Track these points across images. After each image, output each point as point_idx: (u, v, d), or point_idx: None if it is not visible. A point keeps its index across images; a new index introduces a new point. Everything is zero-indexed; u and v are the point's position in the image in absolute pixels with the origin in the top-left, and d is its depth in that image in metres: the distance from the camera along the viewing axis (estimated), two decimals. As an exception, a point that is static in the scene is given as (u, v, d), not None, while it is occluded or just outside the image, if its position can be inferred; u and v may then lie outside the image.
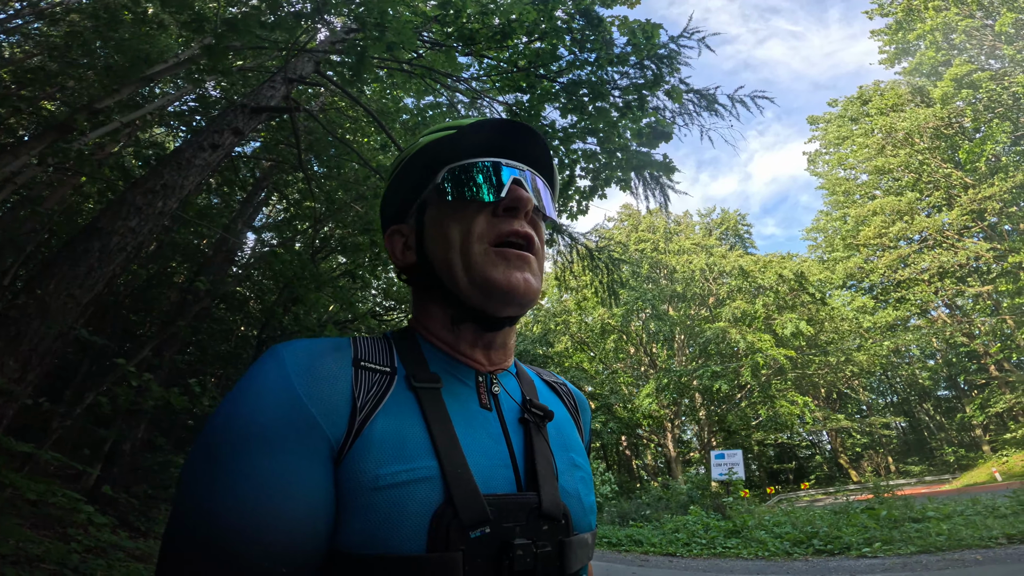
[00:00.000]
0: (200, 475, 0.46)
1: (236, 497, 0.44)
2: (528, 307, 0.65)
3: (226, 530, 0.43)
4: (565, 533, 0.56)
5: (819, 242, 31.89)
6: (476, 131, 0.68)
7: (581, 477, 0.66)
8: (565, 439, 0.68)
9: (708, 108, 6.28)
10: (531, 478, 0.58)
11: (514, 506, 0.53)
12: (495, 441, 0.59)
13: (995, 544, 6.05)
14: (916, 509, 8.09)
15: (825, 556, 7.15)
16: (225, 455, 0.47)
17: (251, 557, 0.42)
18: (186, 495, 0.46)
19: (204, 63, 3.16)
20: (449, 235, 0.65)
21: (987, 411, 26.23)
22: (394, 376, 0.59)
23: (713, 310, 26.29)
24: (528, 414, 0.65)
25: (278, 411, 0.49)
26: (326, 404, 0.52)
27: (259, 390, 0.51)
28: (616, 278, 9.21)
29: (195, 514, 0.44)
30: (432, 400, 0.57)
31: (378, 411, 0.54)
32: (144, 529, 6.56)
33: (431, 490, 0.49)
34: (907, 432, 35.77)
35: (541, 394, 0.73)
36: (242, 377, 0.54)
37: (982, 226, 24.24)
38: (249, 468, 0.46)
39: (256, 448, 0.47)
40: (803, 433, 33.06)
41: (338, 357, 0.57)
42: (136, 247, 5.23)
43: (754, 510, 10.59)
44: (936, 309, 29.06)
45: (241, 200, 10.93)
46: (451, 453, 0.53)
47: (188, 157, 4.94)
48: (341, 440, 0.51)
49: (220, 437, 0.48)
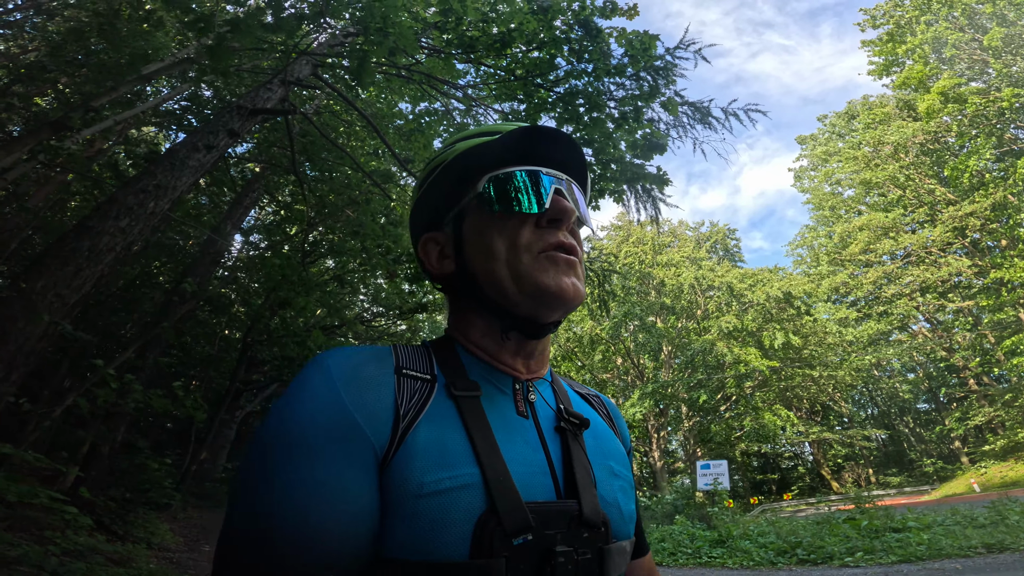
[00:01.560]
0: (254, 481, 0.48)
1: (288, 502, 0.46)
2: (574, 309, 0.65)
3: (278, 534, 0.44)
4: (605, 541, 0.57)
5: (804, 257, 32.41)
6: (515, 138, 0.67)
7: (620, 486, 0.66)
8: (603, 448, 0.69)
9: (702, 121, 6.39)
10: (570, 486, 0.58)
11: (555, 513, 0.54)
12: (533, 449, 0.60)
13: (974, 554, 6.16)
14: (896, 519, 8.20)
15: (808, 566, 7.22)
16: (276, 462, 0.48)
17: (301, 560, 0.44)
18: (241, 500, 0.48)
19: (205, 63, 3.14)
20: (493, 246, 0.65)
21: (966, 424, 26.71)
22: (434, 384, 0.59)
23: (701, 322, 26.54)
24: (564, 422, 0.65)
25: (325, 419, 0.51)
26: (370, 412, 0.53)
27: (307, 399, 0.52)
28: (607, 290, 9.28)
29: (250, 518, 0.46)
30: (472, 408, 0.58)
31: (420, 418, 0.54)
32: (122, 533, 6.40)
33: (474, 497, 0.50)
34: (887, 444, 36.28)
35: (575, 403, 0.74)
36: (289, 385, 0.56)
37: (964, 242, 24.80)
38: (299, 474, 0.47)
39: (306, 455, 0.48)
40: (786, 444, 33.40)
41: (380, 365, 0.58)
42: (126, 247, 5.16)
43: (739, 520, 10.65)
44: (917, 324, 29.65)
45: (230, 201, 10.84)
46: (492, 461, 0.53)
47: (182, 158, 4.91)
48: (385, 447, 0.51)
49: (272, 444, 0.49)
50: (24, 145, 4.63)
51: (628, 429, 0.84)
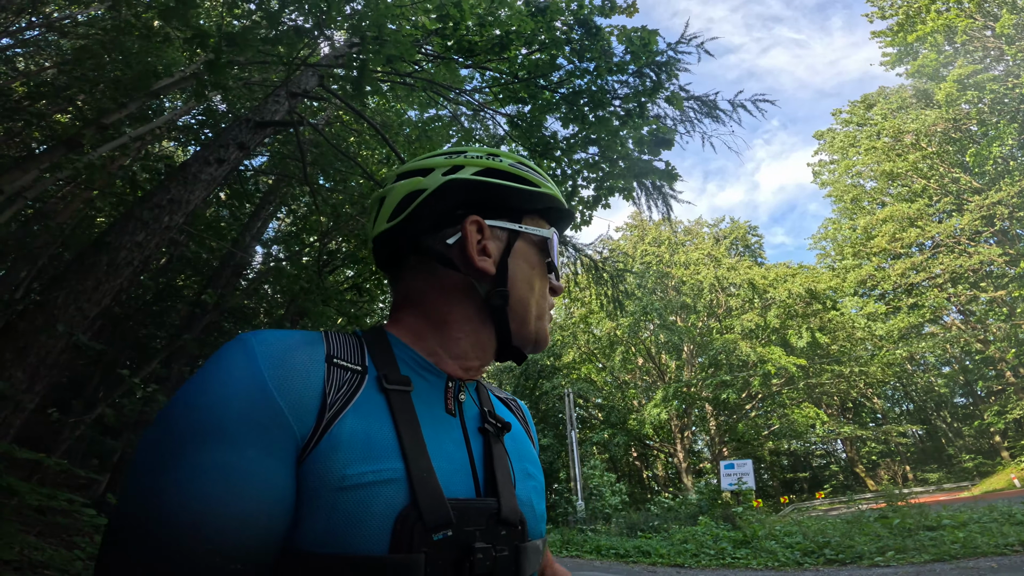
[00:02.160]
0: (153, 467, 0.44)
1: (190, 492, 0.42)
2: None
3: (175, 526, 0.41)
4: (521, 539, 0.58)
5: (827, 250, 31.64)
6: (557, 202, 0.76)
7: (534, 487, 0.69)
8: (519, 450, 0.71)
9: (709, 114, 6.31)
10: (490, 485, 0.60)
11: (475, 511, 0.54)
12: (457, 446, 0.60)
13: (1011, 551, 5.91)
14: (931, 517, 7.93)
15: (836, 566, 7.02)
16: (182, 447, 0.45)
17: (201, 554, 0.41)
18: (135, 486, 0.44)
19: (206, 78, 3.23)
20: (535, 284, 0.72)
21: (1005, 417, 25.67)
22: (365, 375, 0.58)
23: (723, 321, 26.11)
24: (488, 424, 0.67)
25: (244, 403, 0.48)
26: (296, 399, 0.50)
27: (225, 379, 0.49)
28: (621, 289, 9.20)
29: (138, 509, 0.43)
30: (402, 403, 0.57)
31: (347, 410, 0.53)
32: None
33: (396, 492, 0.50)
34: (924, 440, 35.09)
35: (496, 407, 0.76)
36: (205, 364, 0.52)
37: (993, 231, 23.93)
38: (206, 462, 0.44)
39: (216, 441, 0.45)
40: (817, 442, 32.56)
41: (310, 351, 0.56)
42: (143, 261, 5.34)
43: (765, 520, 10.43)
44: (949, 315, 28.66)
45: (250, 214, 11.10)
46: (418, 456, 0.53)
47: (194, 172, 5.05)
48: (307, 437, 0.49)
49: (179, 426, 0.46)
50: (41, 162, 4.83)
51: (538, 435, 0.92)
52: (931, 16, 20.12)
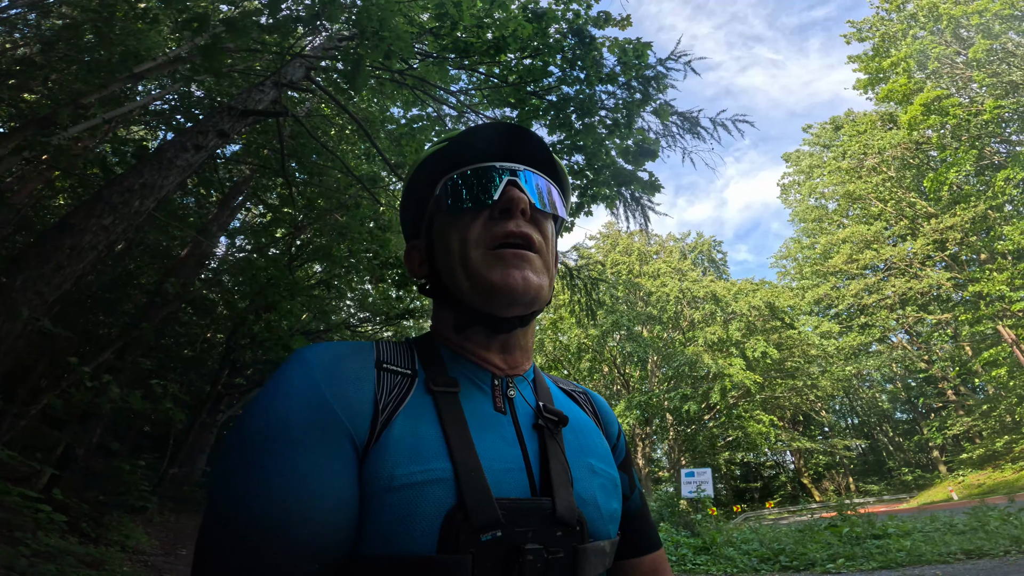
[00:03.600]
0: (233, 473, 0.47)
1: (268, 494, 0.45)
2: (535, 304, 0.65)
3: (258, 526, 0.43)
4: (580, 540, 0.55)
5: (788, 268, 32.94)
6: (470, 138, 0.69)
7: (600, 484, 0.65)
8: (584, 445, 0.67)
9: (691, 131, 6.49)
10: (545, 483, 0.57)
11: (527, 511, 0.53)
12: (509, 445, 0.59)
13: (953, 560, 6.25)
14: (877, 526, 8.30)
15: (791, 572, 7.28)
16: (256, 453, 0.47)
17: (282, 553, 0.43)
18: (220, 492, 0.47)
19: (199, 63, 3.12)
20: (450, 244, 0.66)
21: (944, 433, 27.25)
22: (414, 379, 0.60)
23: (686, 333, 26.76)
24: (542, 419, 0.64)
25: (305, 411, 0.50)
26: (350, 405, 0.53)
27: (287, 391, 0.52)
28: (595, 298, 9.31)
29: (229, 511, 0.45)
30: (449, 403, 0.58)
31: (398, 413, 0.55)
32: (95, 535, 6.26)
33: (444, 492, 0.50)
34: (867, 453, 36.85)
35: (557, 400, 0.72)
36: (269, 379, 0.55)
37: (943, 256, 25.33)
38: (279, 466, 0.46)
39: (285, 446, 0.48)
40: (768, 453, 33.75)
41: (361, 359, 0.59)
42: (108, 246, 5.08)
43: (722, 527, 10.71)
44: (896, 336, 30.26)
45: (217, 203, 10.72)
46: (465, 456, 0.53)
47: (170, 157, 4.86)
48: (365, 440, 0.51)
49: (250, 436, 0.49)
50: (10, 141, 4.54)
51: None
52: (907, 41, 20.87)
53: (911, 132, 20.75)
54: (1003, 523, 7.26)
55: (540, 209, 0.69)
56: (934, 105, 19.34)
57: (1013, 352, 21.32)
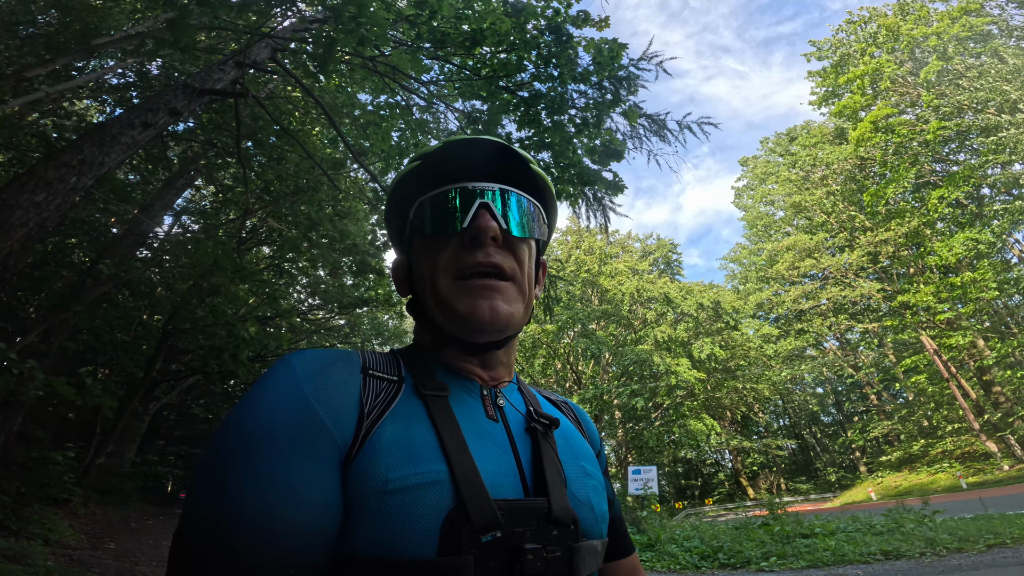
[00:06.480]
0: (212, 478, 0.47)
1: (246, 500, 0.44)
2: (507, 331, 0.64)
3: (236, 533, 0.43)
4: (575, 539, 0.56)
5: (735, 272, 34.41)
6: (442, 156, 0.67)
7: (593, 486, 0.66)
8: (574, 448, 0.69)
9: (657, 133, 6.60)
10: (539, 485, 0.58)
11: (524, 511, 0.53)
12: (502, 450, 0.59)
13: (873, 560, 6.71)
14: (805, 525, 8.82)
15: (729, 570, 7.63)
16: (236, 459, 0.47)
17: (260, 559, 0.43)
18: (198, 497, 0.46)
19: (168, 38, 2.89)
20: (424, 270, 0.66)
21: (866, 435, 29.31)
22: (401, 384, 0.60)
23: (638, 332, 27.48)
24: (535, 422, 0.65)
25: (289, 416, 0.50)
26: (335, 409, 0.52)
27: (270, 396, 0.52)
28: (552, 295, 9.39)
29: (206, 516, 0.45)
30: (440, 407, 0.58)
31: (386, 416, 0.54)
32: (16, 528, 5.85)
33: (441, 494, 0.49)
34: (797, 453, 39.15)
35: (544, 406, 0.74)
36: (253, 384, 0.55)
37: (876, 268, 27.06)
38: (260, 472, 0.46)
39: (267, 452, 0.47)
40: (708, 452, 35.27)
41: (347, 365, 0.59)
42: (39, 223, 4.70)
43: (666, 524, 11.10)
44: (828, 342, 32.25)
45: (163, 181, 10.07)
46: (461, 457, 0.53)
47: (114, 133, 4.53)
48: (349, 444, 0.51)
49: (232, 441, 0.49)
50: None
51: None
52: (863, 60, 21.85)
53: (858, 148, 21.83)
54: (918, 525, 7.84)
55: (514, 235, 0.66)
56: (881, 123, 20.27)
57: (933, 361, 23.08)
